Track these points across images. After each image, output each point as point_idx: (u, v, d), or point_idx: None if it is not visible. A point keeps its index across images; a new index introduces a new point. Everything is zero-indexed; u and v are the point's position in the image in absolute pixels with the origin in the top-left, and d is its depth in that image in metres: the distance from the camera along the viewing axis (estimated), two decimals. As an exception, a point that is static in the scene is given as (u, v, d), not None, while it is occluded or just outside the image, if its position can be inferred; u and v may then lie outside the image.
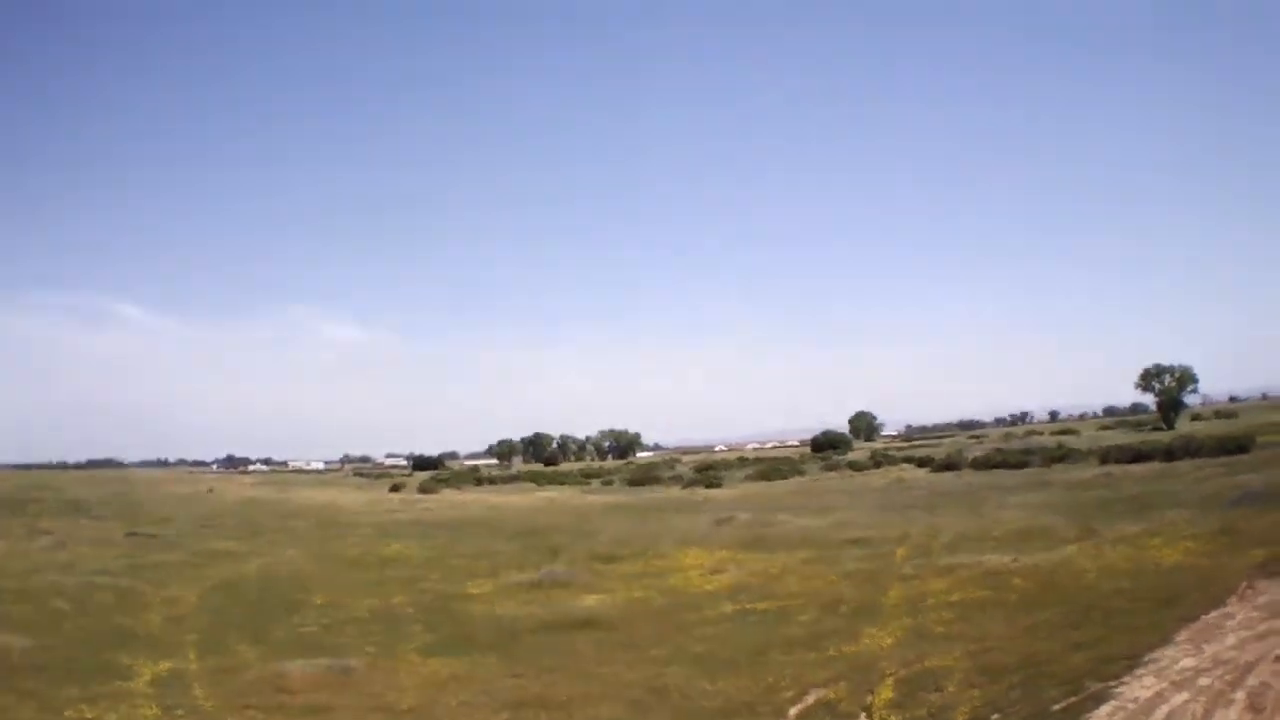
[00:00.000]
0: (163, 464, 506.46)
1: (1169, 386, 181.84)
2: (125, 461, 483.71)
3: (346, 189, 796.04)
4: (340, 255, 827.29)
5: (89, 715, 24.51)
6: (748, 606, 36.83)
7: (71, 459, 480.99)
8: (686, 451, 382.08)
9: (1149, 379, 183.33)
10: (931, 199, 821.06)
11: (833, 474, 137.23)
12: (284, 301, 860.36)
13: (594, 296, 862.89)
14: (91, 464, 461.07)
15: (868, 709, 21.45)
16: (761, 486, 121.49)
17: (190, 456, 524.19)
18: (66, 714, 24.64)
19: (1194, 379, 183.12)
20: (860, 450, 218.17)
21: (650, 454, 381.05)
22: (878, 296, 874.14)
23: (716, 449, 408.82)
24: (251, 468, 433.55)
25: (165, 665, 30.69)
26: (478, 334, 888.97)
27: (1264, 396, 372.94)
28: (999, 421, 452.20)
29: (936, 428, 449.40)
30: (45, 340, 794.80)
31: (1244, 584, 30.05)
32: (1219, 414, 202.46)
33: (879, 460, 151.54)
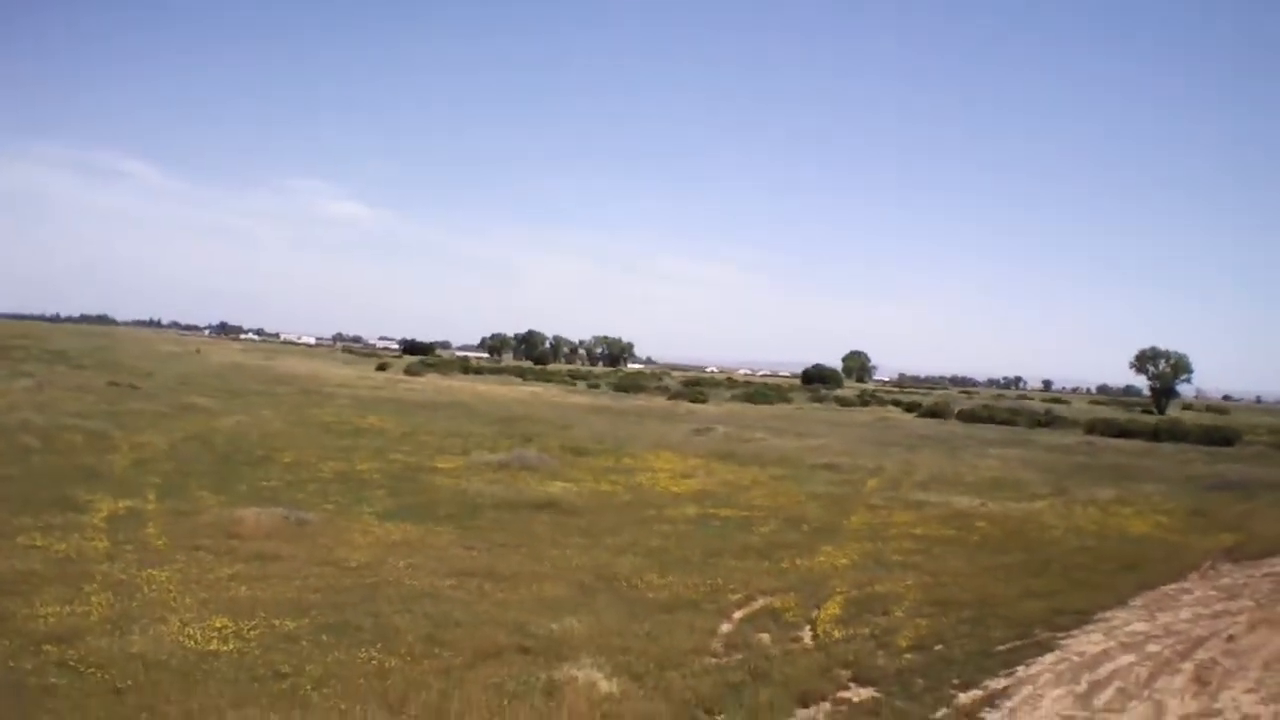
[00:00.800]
0: (155, 325, 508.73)
1: (1163, 371, 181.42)
2: (117, 320, 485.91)
3: (363, 66, 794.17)
4: (351, 133, 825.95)
5: (40, 543, 24.57)
6: (711, 511, 36.80)
7: (64, 313, 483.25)
8: (677, 368, 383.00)
9: (1144, 361, 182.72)
10: (953, 162, 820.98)
11: (819, 406, 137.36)
12: (292, 174, 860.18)
13: (602, 203, 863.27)
14: (84, 319, 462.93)
15: (812, 621, 21.24)
16: (746, 407, 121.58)
17: (183, 320, 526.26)
18: (18, 540, 24.73)
19: (1188, 367, 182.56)
20: (850, 389, 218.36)
21: (641, 365, 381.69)
22: (888, 250, 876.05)
23: (708, 369, 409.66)
24: (243, 336, 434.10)
25: (123, 504, 30.81)
26: (482, 226, 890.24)
27: (1258, 400, 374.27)
28: (992, 383, 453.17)
29: (929, 379, 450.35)
30: (50, 192, 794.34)
31: (1208, 564, 30.07)
32: (1210, 408, 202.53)
33: (867, 400, 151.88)
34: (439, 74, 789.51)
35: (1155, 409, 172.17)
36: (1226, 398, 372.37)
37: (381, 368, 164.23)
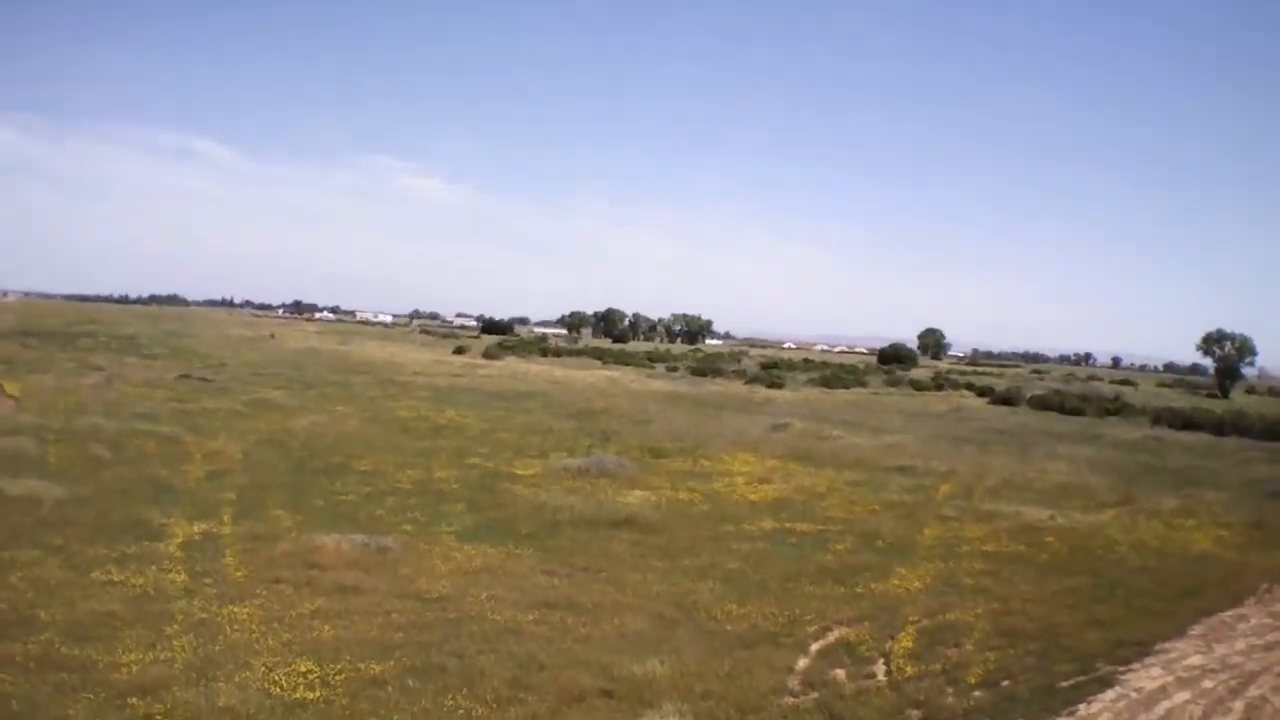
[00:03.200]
0: (228, 304, 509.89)
1: (1228, 354, 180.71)
2: (189, 300, 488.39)
3: (441, 41, 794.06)
4: (432, 110, 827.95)
5: (116, 578, 24.96)
6: (787, 525, 37.57)
7: (135, 293, 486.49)
8: (755, 344, 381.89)
9: (1210, 344, 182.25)
10: (1026, 140, 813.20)
11: (894, 390, 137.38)
12: (370, 151, 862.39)
13: (683, 181, 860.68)
14: (154, 299, 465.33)
15: (886, 655, 22.03)
16: (822, 393, 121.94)
17: (256, 299, 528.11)
18: (94, 574, 25.19)
19: (1253, 350, 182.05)
20: (924, 368, 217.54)
21: (719, 342, 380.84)
22: (964, 228, 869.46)
23: (785, 345, 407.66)
24: (318, 315, 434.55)
25: (199, 527, 31.35)
26: (563, 202, 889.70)
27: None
28: (1063, 359, 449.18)
29: (1002, 356, 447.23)
30: (120, 172, 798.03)
31: (1264, 587, 30.61)
32: (1272, 391, 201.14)
33: (941, 383, 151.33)
34: (519, 49, 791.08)
35: (1220, 392, 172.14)
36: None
37: (459, 351, 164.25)
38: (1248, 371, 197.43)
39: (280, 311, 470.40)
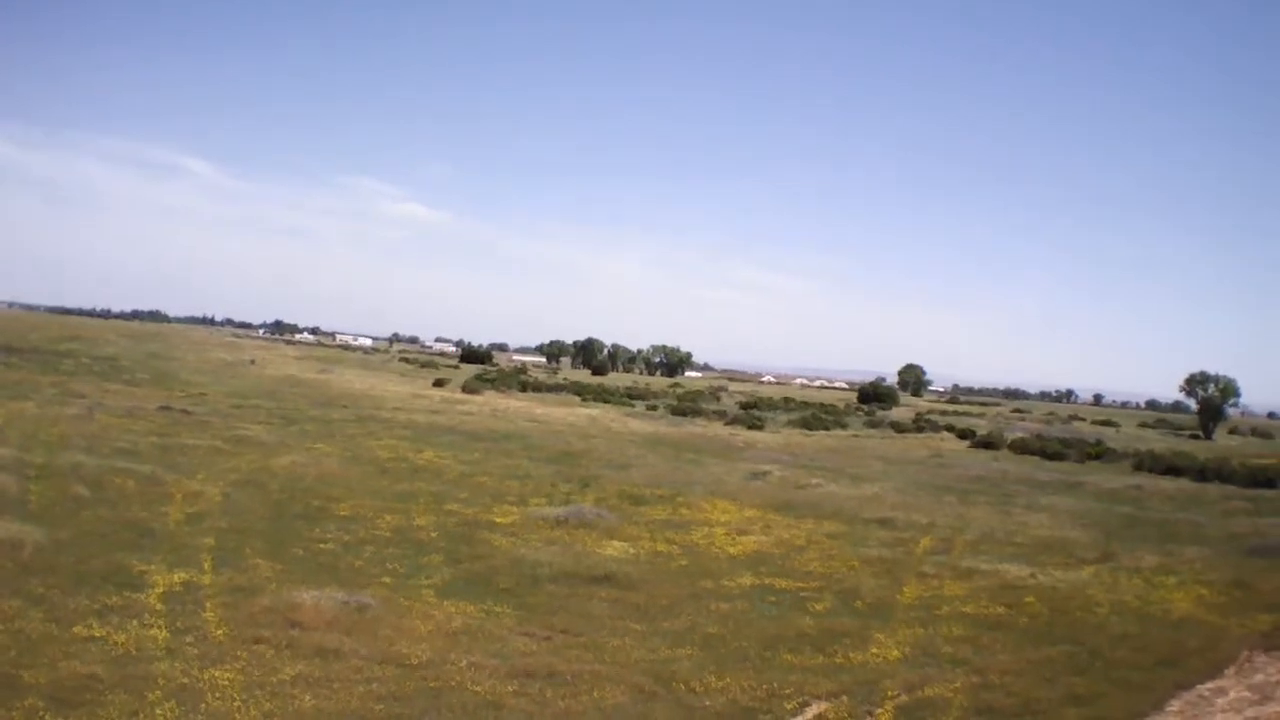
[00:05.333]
0: (209, 322, 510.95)
1: (1211, 395, 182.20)
2: (170, 316, 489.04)
3: (425, 67, 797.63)
4: (415, 134, 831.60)
5: (98, 633, 24.81)
6: (767, 581, 37.56)
7: (117, 308, 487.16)
8: (734, 377, 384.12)
9: (1193, 385, 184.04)
10: (1009, 176, 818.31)
11: (874, 432, 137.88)
12: (354, 173, 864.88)
13: (664, 209, 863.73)
14: (135, 315, 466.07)
15: (863, 735, 22.14)
16: (802, 436, 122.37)
17: (237, 317, 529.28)
18: (75, 629, 25.00)
19: (1236, 391, 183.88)
20: (905, 407, 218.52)
21: (698, 374, 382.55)
22: (945, 261, 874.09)
23: (764, 378, 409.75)
24: (298, 336, 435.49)
25: (179, 576, 31.09)
26: (543, 228, 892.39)
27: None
28: (1043, 395, 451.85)
29: (983, 392, 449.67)
30: (107, 185, 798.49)
31: (1244, 654, 30.60)
32: (1255, 431, 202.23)
33: (921, 425, 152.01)
34: (501, 77, 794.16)
35: (1203, 432, 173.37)
36: (1271, 415, 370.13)
37: (439, 384, 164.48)
38: (1231, 411, 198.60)
39: (260, 331, 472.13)
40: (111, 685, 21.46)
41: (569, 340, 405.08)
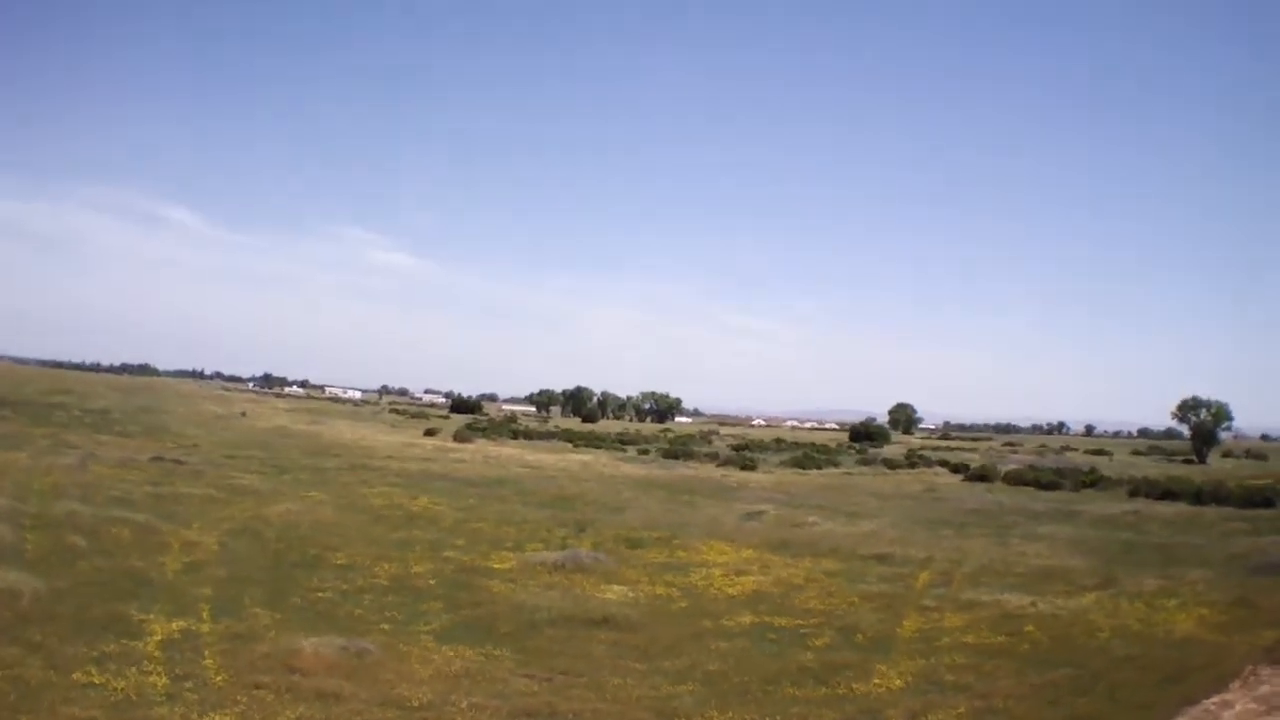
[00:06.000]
0: (198, 376, 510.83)
1: (1204, 421, 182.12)
2: (159, 370, 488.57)
3: (411, 115, 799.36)
4: (401, 184, 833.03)
5: (97, 680, 24.60)
6: (766, 620, 37.37)
7: (105, 361, 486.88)
8: (724, 422, 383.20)
9: (1185, 410, 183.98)
10: (992, 210, 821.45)
11: (866, 469, 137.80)
12: (338, 222, 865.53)
13: (650, 255, 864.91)
14: (125, 368, 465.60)
15: (869, 762, 22.02)
16: (795, 475, 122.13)
17: (227, 371, 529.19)
18: (74, 675, 24.77)
19: (1229, 415, 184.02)
20: (897, 445, 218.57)
21: (688, 420, 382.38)
22: (931, 298, 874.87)
23: (754, 422, 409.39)
24: (288, 390, 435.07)
25: (177, 625, 30.86)
26: (532, 280, 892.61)
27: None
28: (1035, 429, 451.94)
29: (974, 427, 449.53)
30: (93, 236, 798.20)
31: (1248, 669, 30.45)
32: (1249, 453, 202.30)
33: (914, 460, 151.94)
34: (486, 124, 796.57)
35: (1197, 457, 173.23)
36: (1265, 437, 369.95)
37: (430, 433, 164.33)
38: (1224, 435, 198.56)
39: (250, 384, 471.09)
40: None
41: (558, 389, 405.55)
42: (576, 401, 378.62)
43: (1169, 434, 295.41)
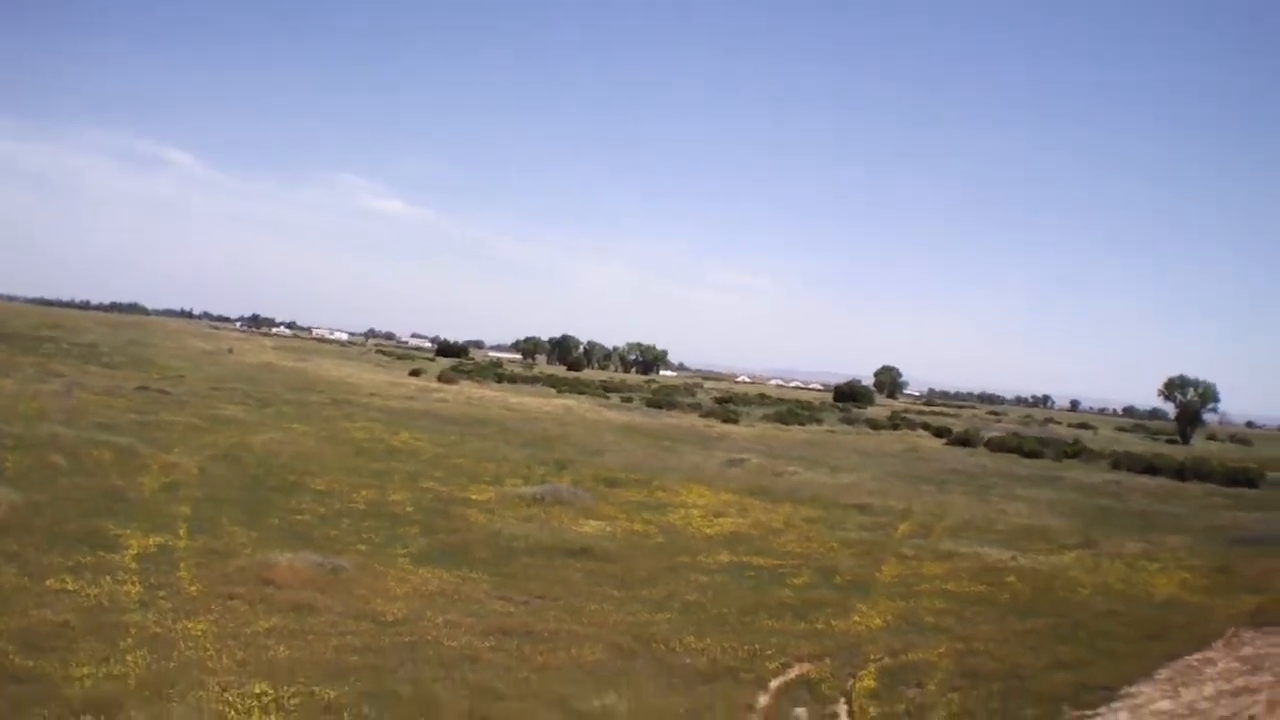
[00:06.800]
0: (186, 315, 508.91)
1: (1190, 400, 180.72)
2: (149, 309, 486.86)
3: (411, 65, 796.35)
4: (396, 130, 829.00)
5: (70, 587, 24.51)
6: (745, 559, 37.22)
7: (95, 300, 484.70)
8: (709, 377, 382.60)
9: (1172, 389, 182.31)
10: (990, 179, 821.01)
11: (849, 428, 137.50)
12: (334, 169, 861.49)
13: (644, 211, 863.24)
14: (115, 307, 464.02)
15: (848, 694, 21.57)
16: (777, 430, 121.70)
17: (215, 311, 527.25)
18: (48, 583, 24.67)
19: (1215, 396, 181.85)
20: (881, 407, 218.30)
21: (673, 374, 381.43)
22: (923, 265, 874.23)
23: (739, 379, 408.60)
24: (275, 330, 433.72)
25: (154, 540, 30.71)
26: (521, 228, 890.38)
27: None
28: (1019, 400, 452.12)
29: (959, 396, 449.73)
30: (89, 176, 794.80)
31: (1231, 630, 30.17)
32: (1234, 438, 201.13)
33: (897, 422, 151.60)
34: (487, 76, 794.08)
35: (1181, 438, 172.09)
36: (1250, 424, 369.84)
37: (415, 373, 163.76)
38: (1209, 417, 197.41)
39: (238, 324, 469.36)
40: (83, 633, 21.05)
41: (544, 337, 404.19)
42: (562, 349, 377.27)
43: (1154, 414, 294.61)
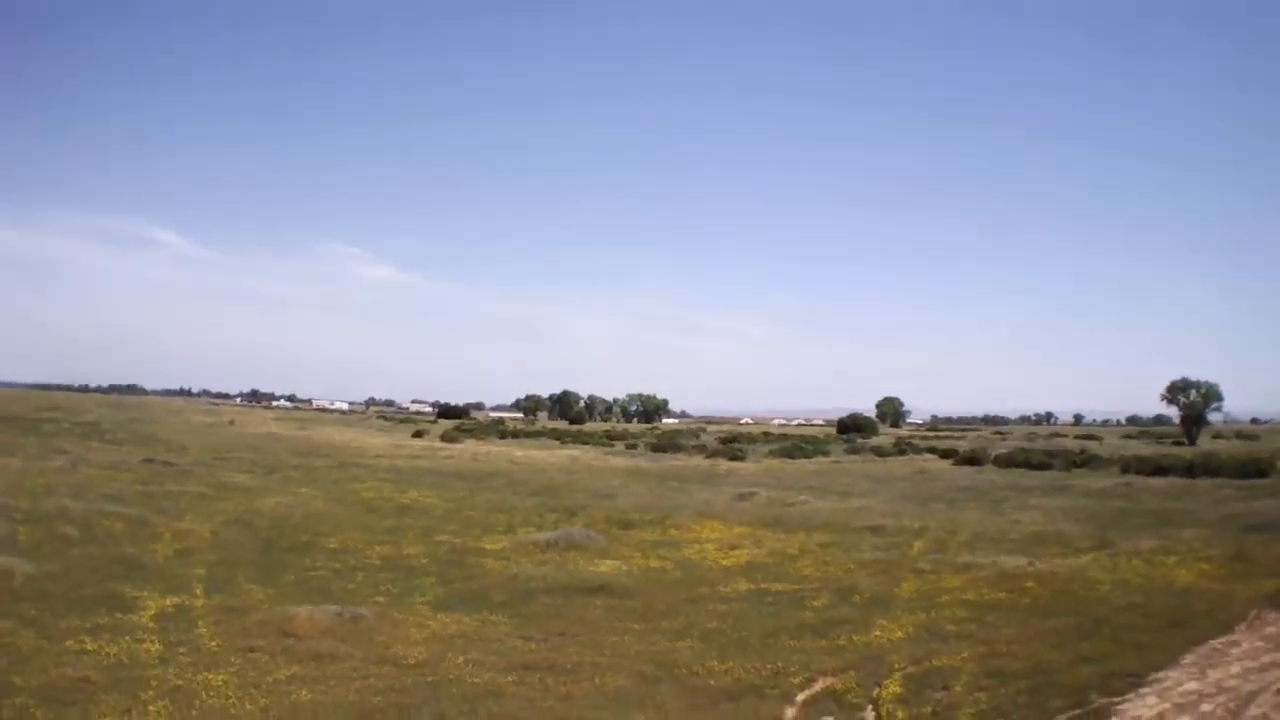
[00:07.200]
0: (185, 393, 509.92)
1: (1194, 401, 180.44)
2: (147, 389, 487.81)
3: (395, 132, 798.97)
4: (383, 198, 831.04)
5: (89, 647, 24.46)
6: (762, 586, 37.01)
7: (94, 383, 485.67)
8: (712, 421, 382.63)
9: (1175, 392, 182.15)
10: (974, 200, 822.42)
11: (856, 458, 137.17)
12: (323, 239, 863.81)
13: (632, 263, 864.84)
14: (114, 389, 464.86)
15: (875, 701, 21.60)
16: (784, 463, 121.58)
17: (214, 388, 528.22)
18: (67, 644, 24.61)
19: (1219, 396, 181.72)
20: (885, 436, 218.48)
21: (675, 421, 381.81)
22: (916, 293, 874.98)
23: (742, 421, 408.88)
24: (275, 403, 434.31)
25: (171, 600, 30.72)
26: (514, 288, 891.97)
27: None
28: (1024, 419, 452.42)
29: (962, 420, 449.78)
30: (78, 261, 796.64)
31: (1253, 613, 30.17)
32: (1240, 434, 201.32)
33: (903, 448, 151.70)
34: (468, 140, 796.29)
35: (1187, 439, 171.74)
36: (1255, 420, 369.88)
37: (418, 435, 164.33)
38: (1214, 417, 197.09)
39: (238, 400, 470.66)
40: (104, 687, 21.11)
41: (544, 394, 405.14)
42: (563, 405, 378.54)
43: (1159, 420, 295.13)
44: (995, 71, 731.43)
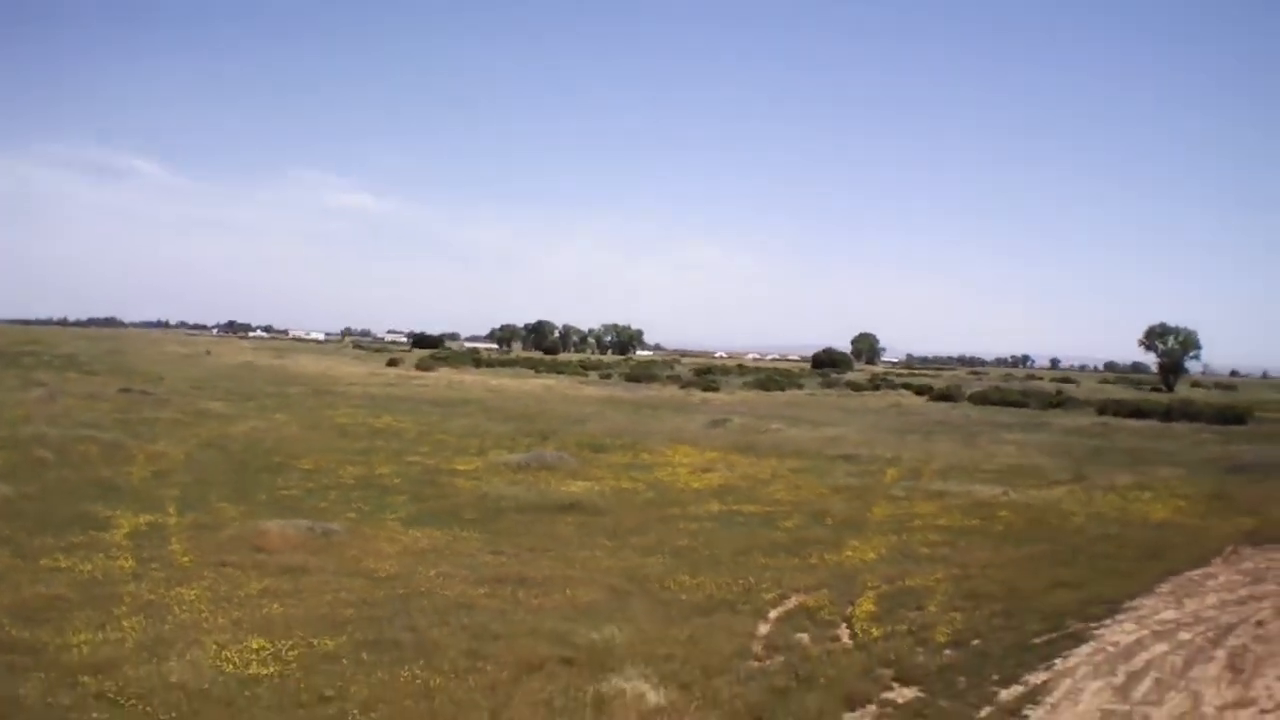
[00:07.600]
0: (163, 325, 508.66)
1: (1172, 348, 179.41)
2: (125, 321, 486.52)
3: (369, 57, 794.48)
4: (358, 124, 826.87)
5: (64, 564, 24.44)
6: (734, 508, 37.01)
7: (72, 316, 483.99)
8: (686, 354, 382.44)
9: (1153, 338, 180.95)
10: (957, 143, 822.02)
11: (831, 391, 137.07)
12: (298, 165, 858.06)
13: (611, 191, 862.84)
14: (92, 322, 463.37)
15: (848, 619, 21.44)
16: (758, 395, 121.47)
17: (191, 320, 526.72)
18: (42, 562, 24.57)
19: (1197, 344, 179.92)
20: (860, 372, 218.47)
21: (650, 353, 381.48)
22: (895, 231, 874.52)
23: (717, 355, 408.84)
24: (251, 334, 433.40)
25: (144, 519, 30.70)
26: (490, 214, 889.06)
27: (1265, 375, 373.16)
28: (1000, 362, 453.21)
29: (938, 360, 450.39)
30: (53, 192, 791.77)
31: (1230, 548, 30.20)
32: (1219, 385, 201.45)
33: (878, 383, 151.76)
34: (447, 63, 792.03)
35: (1164, 386, 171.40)
36: (1234, 373, 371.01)
37: (393, 363, 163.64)
38: (1193, 367, 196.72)
39: (215, 331, 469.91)
40: (78, 604, 20.96)
41: (520, 324, 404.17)
42: (538, 335, 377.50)
43: (1136, 368, 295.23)
44: (975, 21, 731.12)
